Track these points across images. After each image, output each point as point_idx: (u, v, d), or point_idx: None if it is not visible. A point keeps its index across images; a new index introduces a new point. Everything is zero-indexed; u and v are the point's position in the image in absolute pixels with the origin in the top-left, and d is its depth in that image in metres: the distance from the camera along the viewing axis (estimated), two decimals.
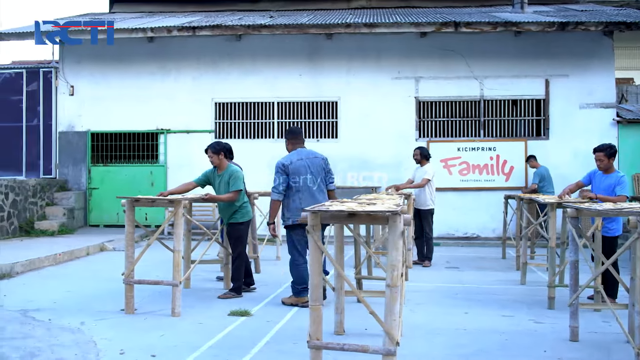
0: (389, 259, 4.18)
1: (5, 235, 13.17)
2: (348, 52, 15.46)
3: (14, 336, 5.43)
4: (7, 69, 16.85)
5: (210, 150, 7.95)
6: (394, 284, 4.15)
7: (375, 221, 4.44)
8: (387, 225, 4.14)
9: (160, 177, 15.63)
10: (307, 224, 5.90)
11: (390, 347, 4.17)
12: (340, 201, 5.52)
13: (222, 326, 6.25)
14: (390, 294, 4.17)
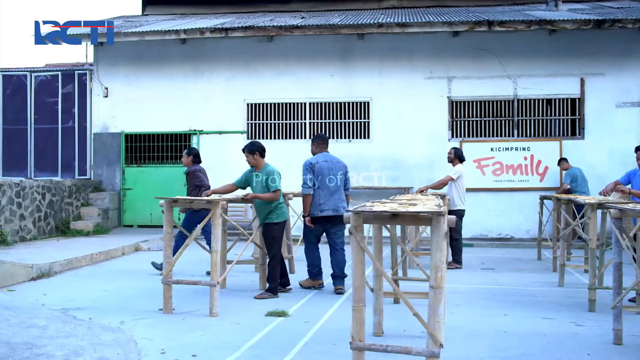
0: (432, 260, 4.14)
1: (42, 235, 13.38)
2: (380, 52, 15.41)
3: (57, 335, 5.49)
4: (43, 71, 17.11)
5: (245, 150, 8.01)
6: (438, 286, 4.11)
7: (418, 222, 4.40)
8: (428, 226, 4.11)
9: None
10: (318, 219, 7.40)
11: (434, 349, 4.13)
12: (381, 202, 5.49)
13: (261, 326, 6.25)
14: (434, 296, 4.13)
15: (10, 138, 16.80)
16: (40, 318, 6.05)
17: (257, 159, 7.99)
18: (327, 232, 8.38)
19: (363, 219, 4.31)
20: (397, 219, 4.34)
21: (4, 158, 16.80)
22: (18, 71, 17.19)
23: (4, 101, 16.89)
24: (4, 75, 16.96)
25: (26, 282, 8.85)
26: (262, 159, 8.05)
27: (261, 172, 7.95)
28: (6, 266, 8.55)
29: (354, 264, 4.33)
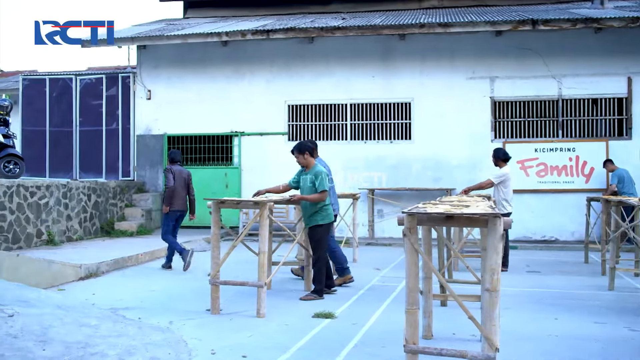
0: (488, 262, 4.08)
1: (88, 236, 13.60)
2: (421, 52, 15.31)
3: (109, 334, 5.56)
4: (88, 75, 17.42)
5: (295, 151, 8.08)
6: (494, 289, 4.05)
7: (473, 224, 4.34)
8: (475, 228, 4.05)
9: (235, 179, 15.85)
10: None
11: (489, 353, 4.07)
12: (433, 203, 5.43)
13: (308, 328, 6.25)
14: (490, 299, 4.07)
15: (56, 140, 17.13)
16: (92, 317, 6.13)
17: (307, 159, 8.01)
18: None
19: (417, 220, 4.27)
20: (451, 220, 4.29)
21: (51, 160, 17.13)
22: (64, 75, 17.52)
23: (51, 104, 17.22)
24: (50, 79, 17.30)
25: (75, 281, 9.00)
26: (312, 158, 8.06)
27: (310, 172, 7.96)
28: (56, 266, 8.72)
29: (407, 266, 4.29)
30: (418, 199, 14.48)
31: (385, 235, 15.18)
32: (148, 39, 15.67)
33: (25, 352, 4.74)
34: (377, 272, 10.11)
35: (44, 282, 8.27)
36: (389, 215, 15.16)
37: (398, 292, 8.35)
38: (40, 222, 11.98)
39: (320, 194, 7.78)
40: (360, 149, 15.37)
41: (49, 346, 4.96)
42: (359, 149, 15.38)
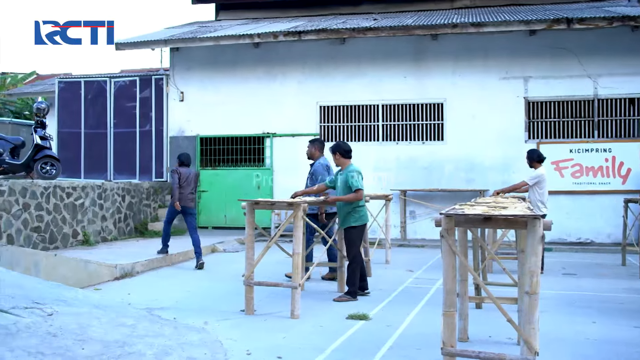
0: (527, 264, 4.03)
1: (122, 236, 13.77)
2: (454, 52, 15.21)
3: (146, 334, 5.61)
4: (122, 77, 17.63)
5: (330, 151, 8.10)
6: (534, 291, 4.00)
7: (511, 225, 4.28)
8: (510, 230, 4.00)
9: (267, 180, 15.91)
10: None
11: (529, 356, 4.03)
12: (470, 204, 5.39)
13: (343, 329, 6.24)
14: (529, 302, 4.02)
15: (91, 142, 17.37)
16: (128, 317, 6.19)
17: (339, 159, 8.05)
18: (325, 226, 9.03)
19: (454, 222, 4.23)
20: (489, 222, 4.24)
21: (86, 161, 17.38)
22: (98, 77, 17.76)
23: (86, 106, 17.47)
24: (85, 82, 17.55)
25: (110, 281, 9.12)
26: (345, 159, 8.06)
27: (344, 172, 7.97)
28: (92, 266, 8.83)
29: (445, 268, 4.26)
30: (450, 200, 14.39)
31: (417, 236, 15.10)
32: (181, 42, 15.82)
33: (64, 351, 4.80)
34: (410, 274, 10.06)
35: (80, 282, 8.38)
36: (421, 216, 15.08)
37: (432, 294, 8.30)
38: (76, 223, 12.17)
39: (355, 193, 7.76)
40: (392, 150, 15.32)
41: (87, 345, 5.01)
42: (391, 150, 15.32)
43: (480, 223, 4.31)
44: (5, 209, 10.31)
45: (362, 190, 7.84)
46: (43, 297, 6.09)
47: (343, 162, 8.04)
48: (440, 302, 7.42)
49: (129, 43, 16.17)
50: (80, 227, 12.29)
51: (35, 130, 12.79)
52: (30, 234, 10.89)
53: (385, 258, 11.36)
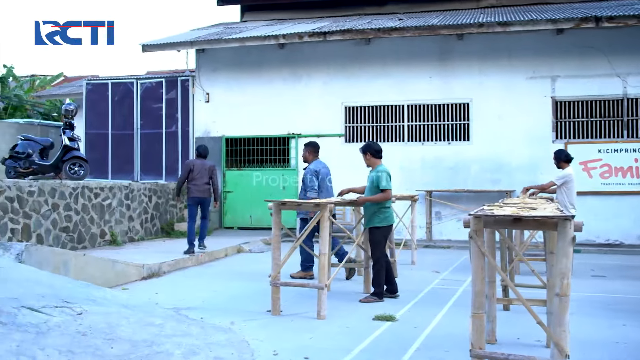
0: (557, 266, 3.98)
1: (148, 236, 13.88)
2: (479, 52, 15.11)
3: (173, 333, 5.64)
4: (148, 79, 17.79)
5: (360, 151, 8.17)
6: (564, 293, 3.95)
7: (541, 227, 4.23)
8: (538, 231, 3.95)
9: (292, 180, 15.94)
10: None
11: (559, 359, 3.96)
12: (498, 205, 5.34)
13: (369, 330, 6.22)
14: (560, 304, 3.97)
15: (118, 143, 17.55)
16: (156, 317, 6.24)
17: (370, 160, 8.08)
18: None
19: (483, 223, 4.20)
20: (519, 223, 4.19)
21: (113, 162, 17.56)
22: (125, 79, 17.94)
23: (113, 108, 17.66)
24: (112, 83, 17.74)
25: (138, 281, 9.19)
26: (376, 159, 8.07)
27: (373, 172, 7.98)
28: (120, 266, 8.92)
29: (474, 270, 4.22)
30: (476, 201, 14.30)
31: (443, 237, 15.02)
32: (206, 43, 15.93)
33: (94, 350, 4.85)
34: (436, 275, 10.01)
35: (108, 282, 8.46)
36: (446, 217, 15.00)
37: (459, 295, 8.25)
38: (104, 223, 12.30)
39: (382, 193, 7.75)
40: (417, 151, 15.25)
41: (116, 344, 5.06)
42: (416, 150, 15.26)
43: (510, 224, 4.27)
44: (35, 209, 10.45)
45: (390, 191, 7.83)
46: (72, 296, 6.15)
47: (373, 162, 8.05)
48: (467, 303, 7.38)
49: (155, 45, 16.32)
50: (108, 227, 12.42)
51: (63, 132, 12.96)
52: (59, 233, 11.03)
53: (411, 259, 11.32)
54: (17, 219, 10.07)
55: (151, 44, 16.33)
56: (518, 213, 4.22)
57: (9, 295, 5.43)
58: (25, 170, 13.04)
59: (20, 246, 7.28)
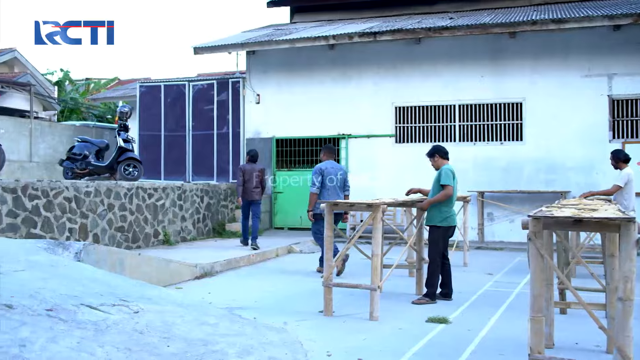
0: (621, 270, 3.86)
1: (200, 236, 14.06)
2: (533, 50, 14.82)
3: (228, 333, 5.69)
4: (200, 81, 18.03)
5: (427, 155, 8.18)
6: (628, 297, 3.83)
7: (603, 229, 4.12)
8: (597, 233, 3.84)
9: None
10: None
11: None
12: (558, 206, 5.22)
13: (423, 333, 6.16)
14: (623, 308, 3.85)
15: (170, 144, 17.83)
16: (210, 316, 6.30)
17: (437, 161, 8.06)
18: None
19: (542, 224, 4.11)
20: (579, 225, 4.09)
21: (165, 163, 17.85)
22: (177, 81, 18.21)
23: (165, 109, 17.95)
24: (165, 85, 18.04)
25: (191, 280, 9.31)
26: (443, 160, 8.06)
27: (437, 172, 7.96)
28: (174, 265, 9.05)
29: (532, 272, 4.13)
30: (530, 202, 14.05)
31: (495, 239, 14.79)
32: (257, 45, 16.05)
33: (151, 348, 4.92)
34: (489, 277, 9.86)
35: (162, 281, 8.60)
36: (499, 218, 14.77)
37: (513, 298, 8.11)
38: (157, 223, 12.51)
39: (444, 189, 7.74)
40: (469, 151, 15.06)
41: (172, 342, 5.12)
42: (468, 150, 15.06)
43: (570, 226, 4.16)
44: (92, 209, 10.70)
45: (451, 187, 7.76)
46: (129, 294, 6.26)
47: (441, 163, 8.04)
48: (522, 306, 7.28)
49: (207, 47, 16.53)
50: (161, 227, 12.63)
51: (118, 133, 13.25)
52: (115, 233, 11.26)
53: (463, 260, 11.19)
54: (74, 219, 10.33)
55: (203, 46, 16.55)
56: (579, 214, 4.12)
57: (69, 292, 5.56)
58: (81, 171, 13.38)
59: (79, 245, 7.46)
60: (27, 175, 16.90)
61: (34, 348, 4.14)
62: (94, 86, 32.43)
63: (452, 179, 7.83)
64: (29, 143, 17.76)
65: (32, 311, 4.80)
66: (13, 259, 6.14)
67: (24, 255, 6.48)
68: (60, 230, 9.98)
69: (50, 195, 9.86)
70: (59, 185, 10.08)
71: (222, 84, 17.51)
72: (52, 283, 5.72)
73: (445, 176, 7.78)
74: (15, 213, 9.18)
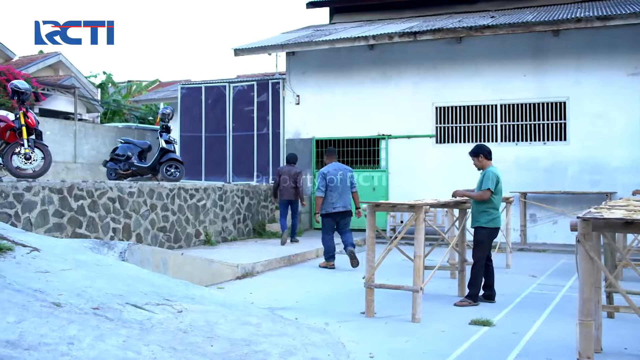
0: None
1: (241, 236, 14.15)
2: (577, 48, 14.54)
3: (270, 333, 5.70)
4: (240, 82, 18.16)
5: (470, 154, 8.07)
6: None
7: None
8: None
9: (382, 182, 15.86)
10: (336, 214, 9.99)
11: None
12: (607, 207, 5.10)
13: (466, 335, 6.08)
14: None
15: (211, 145, 18.00)
16: (252, 316, 6.32)
17: (482, 161, 7.98)
18: (337, 223, 10.76)
19: (592, 226, 4.02)
20: (630, 227, 3.99)
21: (206, 164, 18.03)
22: (218, 82, 18.37)
23: (206, 111, 18.12)
24: (205, 87, 18.21)
25: (232, 280, 9.37)
26: (488, 160, 7.99)
27: (482, 172, 7.88)
28: (216, 265, 9.12)
29: (582, 274, 4.05)
30: (573, 203, 13.81)
31: (538, 240, 14.56)
32: (297, 46, 16.09)
33: (195, 347, 4.96)
34: (533, 280, 9.70)
35: (204, 281, 8.67)
36: (542, 220, 14.52)
37: (558, 300, 7.96)
38: (199, 223, 12.63)
39: (480, 192, 7.69)
40: (511, 151, 14.84)
41: (216, 342, 5.15)
42: (510, 150, 14.85)
43: (620, 228, 4.06)
44: (135, 210, 10.86)
45: (487, 192, 7.66)
46: (172, 294, 6.32)
47: (485, 163, 7.96)
48: (568, 309, 7.16)
49: (247, 49, 16.63)
50: (202, 228, 12.74)
51: (160, 135, 13.41)
52: (157, 233, 11.41)
53: (506, 262, 11.03)
54: (118, 219, 10.49)
55: (243, 47, 16.66)
56: (630, 216, 4.01)
57: (114, 292, 5.64)
58: (124, 172, 13.58)
59: (124, 245, 7.56)
60: (71, 176, 17.24)
61: (81, 346, 4.20)
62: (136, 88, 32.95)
63: (494, 184, 7.75)
64: (74, 144, 18.12)
65: (80, 309, 4.88)
66: (60, 258, 6.25)
67: (70, 255, 6.59)
68: (104, 230, 10.15)
69: (95, 195, 10.04)
70: (104, 186, 10.25)
71: (262, 85, 17.60)
72: (98, 282, 5.81)
73: (488, 180, 7.71)
74: (61, 213, 9.36)
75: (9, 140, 9.80)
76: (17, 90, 9.82)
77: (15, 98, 9.88)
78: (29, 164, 9.66)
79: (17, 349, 3.88)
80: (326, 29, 18.66)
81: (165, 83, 32.52)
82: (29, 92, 9.95)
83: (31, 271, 5.43)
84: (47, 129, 17.07)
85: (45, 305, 4.72)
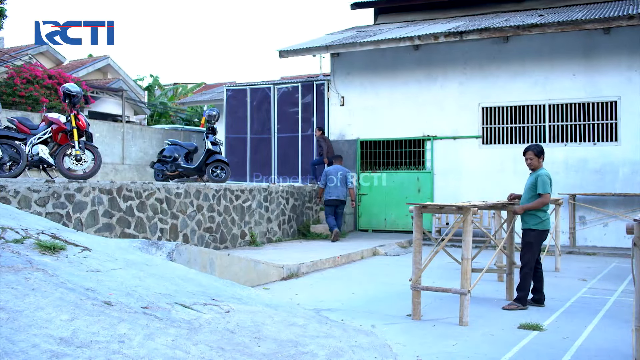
0: None
1: (285, 237, 14.20)
2: (629, 46, 14.18)
3: (317, 334, 5.69)
4: (285, 84, 18.23)
5: (531, 152, 7.80)
6: None
7: None
8: None
9: (427, 183, 15.72)
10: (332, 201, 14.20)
11: None
12: None
13: (515, 339, 5.98)
14: None
15: (256, 146, 18.13)
16: (299, 317, 6.33)
17: (540, 162, 7.81)
18: (336, 207, 14.38)
19: None
20: None
21: (251, 165, 18.16)
22: (263, 84, 18.49)
23: (251, 112, 18.26)
24: (251, 89, 18.35)
25: (278, 281, 9.41)
26: (540, 160, 7.81)
27: (533, 174, 7.76)
28: (261, 266, 9.17)
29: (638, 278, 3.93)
30: (625, 206, 13.47)
31: (587, 243, 14.23)
32: (341, 47, 16.07)
33: (242, 347, 4.98)
34: (583, 283, 9.49)
35: (250, 281, 8.73)
36: (591, 222, 14.20)
37: (610, 305, 7.76)
38: (244, 224, 12.72)
39: (541, 197, 7.53)
40: (560, 152, 14.55)
41: (263, 343, 5.17)
42: (559, 151, 14.55)
43: None
44: (182, 210, 10.99)
45: (549, 195, 7.52)
46: (219, 294, 6.38)
47: (537, 163, 7.77)
48: (621, 314, 6.99)
49: (292, 50, 16.68)
50: (248, 228, 12.83)
51: (207, 136, 13.55)
52: (203, 233, 11.53)
53: (555, 265, 10.82)
54: (165, 219, 10.64)
55: (288, 49, 16.72)
56: None
57: (163, 291, 5.71)
58: (171, 173, 13.77)
59: (172, 245, 7.66)
60: (119, 177, 17.56)
61: (132, 344, 4.26)
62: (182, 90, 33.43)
63: (550, 187, 7.59)
64: (122, 146, 18.45)
65: (129, 308, 4.95)
66: (110, 257, 6.36)
67: (120, 254, 6.70)
68: (152, 230, 10.30)
69: (143, 196, 10.20)
70: (151, 187, 10.41)
71: (307, 86, 17.64)
72: (147, 281, 5.89)
73: (545, 184, 7.53)
74: (110, 213, 9.54)
75: (60, 142, 10.04)
76: (68, 94, 10.05)
77: (67, 101, 10.11)
78: (79, 166, 9.88)
79: (70, 346, 3.95)
80: (370, 29, 18.60)
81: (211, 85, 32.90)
82: (80, 95, 10.17)
83: (83, 270, 5.53)
84: (96, 131, 17.41)
85: (96, 303, 4.80)
